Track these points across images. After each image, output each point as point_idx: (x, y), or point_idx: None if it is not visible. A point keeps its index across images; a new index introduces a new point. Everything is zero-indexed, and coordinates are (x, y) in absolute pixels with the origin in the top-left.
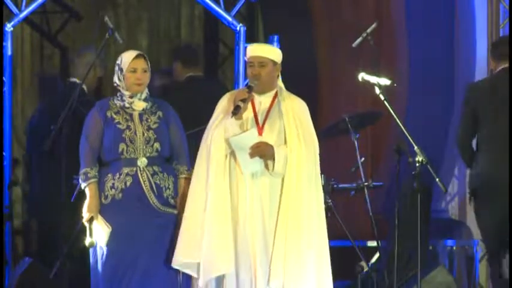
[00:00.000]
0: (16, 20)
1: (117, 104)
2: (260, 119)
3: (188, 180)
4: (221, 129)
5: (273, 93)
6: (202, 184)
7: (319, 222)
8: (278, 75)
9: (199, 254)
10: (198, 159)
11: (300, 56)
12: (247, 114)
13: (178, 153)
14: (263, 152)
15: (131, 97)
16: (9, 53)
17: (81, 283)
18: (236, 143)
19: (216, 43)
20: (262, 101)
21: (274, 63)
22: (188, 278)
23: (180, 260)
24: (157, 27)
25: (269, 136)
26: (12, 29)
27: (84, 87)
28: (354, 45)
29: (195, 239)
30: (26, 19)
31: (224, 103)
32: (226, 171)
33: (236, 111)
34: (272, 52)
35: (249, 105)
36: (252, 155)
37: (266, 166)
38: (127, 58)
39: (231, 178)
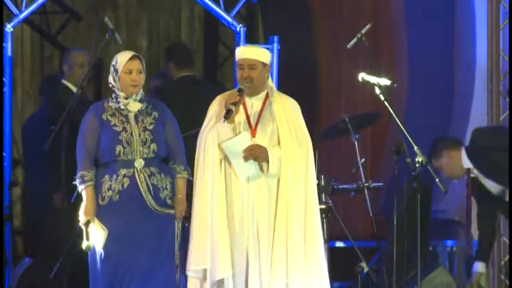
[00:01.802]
0: (16, 20)
1: (112, 106)
2: (252, 121)
3: (185, 180)
4: (214, 133)
5: (264, 94)
6: (204, 191)
7: (313, 221)
8: (268, 76)
9: (206, 260)
10: (197, 165)
11: (300, 56)
12: (240, 117)
13: (175, 153)
14: (257, 155)
15: (126, 98)
16: (9, 53)
17: (81, 283)
18: (228, 148)
19: (216, 44)
20: (254, 103)
21: (264, 64)
22: (186, 278)
23: (191, 268)
24: (157, 28)
25: (262, 138)
26: (12, 29)
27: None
28: (348, 46)
29: (202, 246)
30: (26, 20)
31: (216, 107)
32: (222, 176)
33: (228, 116)
34: (261, 54)
35: (241, 108)
36: (246, 158)
37: (261, 168)
38: (122, 59)
39: (226, 182)
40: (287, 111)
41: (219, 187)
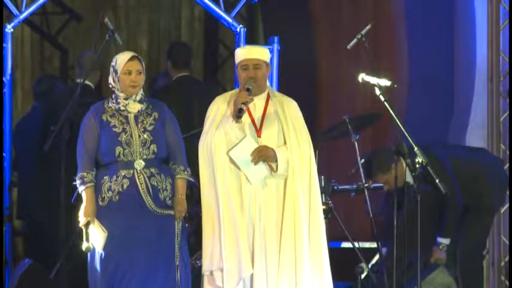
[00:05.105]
0: (16, 21)
1: (112, 107)
2: (257, 121)
3: (185, 180)
4: (221, 134)
5: (265, 94)
6: (213, 191)
7: (317, 221)
8: (268, 76)
9: (222, 260)
10: (202, 165)
11: (300, 56)
12: (245, 117)
13: (175, 153)
14: (266, 156)
15: (126, 99)
16: (9, 54)
17: (81, 284)
18: (236, 155)
19: (216, 44)
20: (257, 103)
21: (267, 64)
22: (187, 278)
23: (208, 268)
24: (158, 29)
25: (268, 138)
26: (12, 30)
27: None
28: (348, 47)
29: (217, 247)
30: (26, 20)
31: (218, 106)
32: (233, 177)
33: (241, 115)
34: (264, 54)
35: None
36: (256, 161)
37: (270, 168)
38: (121, 60)
39: (236, 183)
40: (290, 111)
41: (235, 188)
